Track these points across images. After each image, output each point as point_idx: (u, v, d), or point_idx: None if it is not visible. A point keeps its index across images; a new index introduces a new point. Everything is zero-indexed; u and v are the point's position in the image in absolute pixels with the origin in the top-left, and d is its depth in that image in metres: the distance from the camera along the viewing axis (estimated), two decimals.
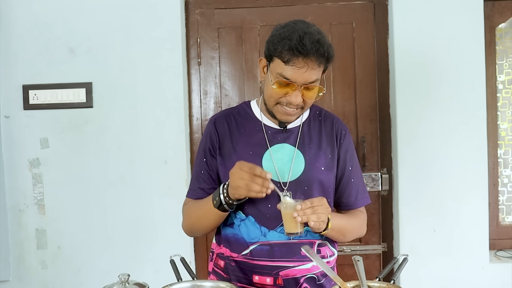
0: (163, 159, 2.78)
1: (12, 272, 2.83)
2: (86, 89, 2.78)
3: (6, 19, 2.79)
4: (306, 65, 1.50)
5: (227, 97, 2.91)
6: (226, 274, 1.69)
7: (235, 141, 1.68)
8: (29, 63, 2.80)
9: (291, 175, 1.64)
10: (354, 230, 1.73)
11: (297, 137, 1.69)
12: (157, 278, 1.56)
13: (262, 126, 1.70)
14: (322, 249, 1.68)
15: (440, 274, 2.75)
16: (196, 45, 2.91)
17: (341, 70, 2.89)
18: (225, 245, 1.71)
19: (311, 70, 1.52)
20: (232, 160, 1.62)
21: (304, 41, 1.48)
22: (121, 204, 2.79)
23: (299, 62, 1.50)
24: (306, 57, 1.49)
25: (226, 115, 1.76)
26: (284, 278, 1.62)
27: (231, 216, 1.68)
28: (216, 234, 1.80)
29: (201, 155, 1.74)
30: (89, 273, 2.79)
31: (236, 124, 1.71)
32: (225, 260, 1.70)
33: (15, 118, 2.81)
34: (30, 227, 2.83)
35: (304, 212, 1.45)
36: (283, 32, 1.53)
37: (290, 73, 1.52)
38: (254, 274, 1.63)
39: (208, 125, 1.76)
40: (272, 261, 1.61)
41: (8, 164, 2.82)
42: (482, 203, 2.74)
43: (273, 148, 1.66)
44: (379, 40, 2.87)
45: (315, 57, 1.50)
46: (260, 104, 1.73)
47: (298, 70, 1.51)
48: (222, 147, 1.69)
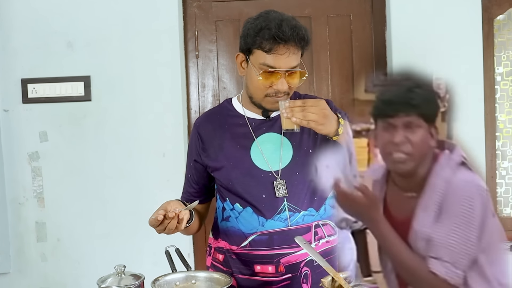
0: (161, 152, 2.79)
1: (13, 264, 2.85)
2: (85, 83, 2.79)
3: (5, 14, 2.80)
4: (288, 51, 1.54)
5: (225, 90, 2.92)
6: (225, 267, 1.70)
7: (221, 139, 1.70)
8: (27, 57, 2.81)
9: (282, 163, 1.65)
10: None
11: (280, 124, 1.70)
12: (156, 270, 1.57)
13: (245, 119, 1.71)
14: (319, 230, 1.69)
15: None
16: (193, 38, 2.91)
17: (339, 62, 2.89)
18: (223, 239, 1.72)
19: (292, 55, 1.55)
20: (220, 158, 1.67)
21: (283, 28, 1.51)
22: (119, 197, 2.81)
23: (280, 49, 1.53)
24: (286, 43, 1.52)
25: (209, 116, 1.80)
26: (285, 265, 1.63)
27: (226, 210, 1.70)
28: (212, 229, 1.82)
29: (188, 160, 1.81)
30: (88, 265, 2.82)
31: (220, 122, 1.73)
32: (224, 253, 1.71)
33: (14, 111, 2.82)
34: (30, 220, 2.85)
35: (291, 109, 1.48)
36: (259, 23, 1.55)
37: (273, 61, 1.54)
38: (256, 264, 1.64)
39: (193, 129, 1.80)
40: (272, 249, 1.62)
41: (8, 157, 2.83)
42: None
43: (259, 139, 1.68)
44: (377, 32, 2.87)
45: (295, 42, 1.53)
46: (242, 98, 1.75)
47: (281, 57, 1.54)
48: (208, 149, 1.71)
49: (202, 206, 1.84)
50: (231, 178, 1.66)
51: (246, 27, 1.60)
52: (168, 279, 1.49)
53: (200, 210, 1.83)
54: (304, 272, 1.66)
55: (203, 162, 1.73)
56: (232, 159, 1.66)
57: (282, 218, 1.62)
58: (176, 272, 1.53)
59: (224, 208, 1.71)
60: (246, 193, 1.64)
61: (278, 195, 1.62)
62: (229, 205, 1.68)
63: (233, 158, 1.66)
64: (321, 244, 1.70)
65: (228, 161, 1.66)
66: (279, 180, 1.62)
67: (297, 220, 1.63)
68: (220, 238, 1.73)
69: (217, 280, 1.49)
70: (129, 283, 1.45)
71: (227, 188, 1.68)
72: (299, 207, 1.64)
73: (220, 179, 1.69)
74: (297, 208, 1.64)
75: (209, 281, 1.51)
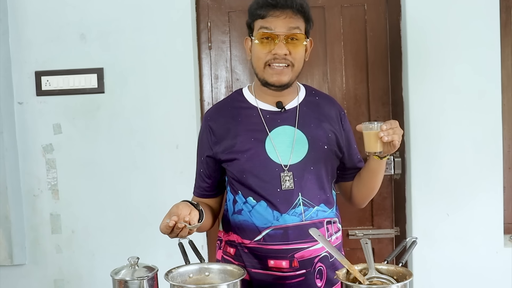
0: (174, 144, 2.79)
1: (28, 256, 2.88)
2: (98, 75, 2.79)
3: (19, 6, 2.80)
4: (284, 14, 1.57)
5: (238, 81, 2.90)
6: (237, 261, 1.69)
7: (235, 131, 1.68)
8: (41, 49, 2.81)
9: (296, 157, 1.64)
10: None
11: (295, 117, 1.68)
12: (170, 262, 1.57)
13: (258, 111, 1.69)
14: (329, 226, 1.68)
15: (453, 258, 2.73)
16: (206, 29, 2.89)
17: (353, 53, 2.86)
18: (235, 232, 1.71)
19: (290, 19, 1.58)
20: (234, 150, 1.66)
21: None
22: (133, 188, 2.81)
23: (276, 11, 1.57)
24: (282, 8, 1.56)
25: (219, 109, 1.78)
26: (299, 260, 1.62)
27: (238, 203, 1.69)
28: (223, 222, 1.81)
29: (200, 154, 1.79)
30: (103, 257, 2.83)
31: (232, 114, 1.72)
32: (236, 247, 1.71)
33: (28, 104, 2.84)
34: (45, 211, 2.86)
35: (388, 132, 1.49)
36: (254, 0, 1.63)
37: (269, 23, 1.58)
38: (269, 258, 1.64)
39: (203, 123, 1.78)
40: (286, 244, 1.62)
41: (22, 150, 2.85)
42: (496, 186, 2.70)
43: (274, 132, 1.66)
44: (391, 22, 2.83)
45: (291, 6, 1.57)
46: (254, 89, 1.73)
47: (277, 19, 1.57)
48: (220, 142, 1.70)
49: (215, 201, 1.84)
50: (244, 171, 1.64)
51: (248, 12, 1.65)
52: (181, 271, 1.49)
53: (213, 205, 1.83)
54: (318, 268, 1.65)
55: (215, 156, 1.71)
56: (247, 151, 1.65)
57: (297, 212, 1.61)
58: (190, 264, 1.53)
59: (236, 201, 1.70)
60: (260, 187, 1.63)
61: (284, 187, 1.61)
62: (242, 198, 1.67)
63: (248, 151, 1.65)
64: (334, 240, 1.70)
65: (242, 154, 1.65)
66: (286, 172, 1.62)
67: (311, 215, 1.63)
68: (232, 231, 1.72)
69: (230, 272, 1.48)
70: (143, 275, 1.44)
71: (240, 181, 1.67)
72: (313, 202, 1.63)
73: (233, 171, 1.68)
74: (311, 203, 1.63)
75: (222, 273, 1.50)
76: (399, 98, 2.81)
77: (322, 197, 1.67)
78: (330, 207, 1.69)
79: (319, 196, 1.66)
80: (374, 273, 1.41)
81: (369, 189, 1.77)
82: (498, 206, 2.71)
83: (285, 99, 1.70)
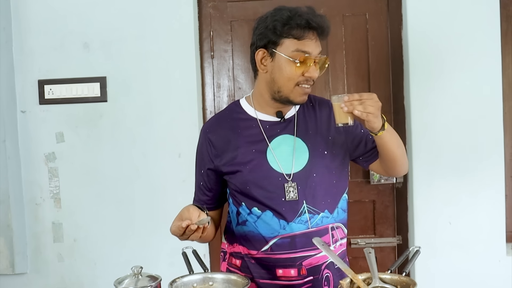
0: (177, 153, 2.79)
1: (30, 264, 2.88)
2: (101, 84, 2.80)
3: (21, 15, 2.82)
4: (315, 37, 1.59)
5: (240, 90, 2.91)
6: (243, 273, 1.68)
7: (235, 143, 1.68)
8: (44, 58, 2.83)
9: (298, 165, 1.64)
10: (402, 146, 1.72)
11: (294, 125, 1.69)
12: (172, 271, 1.57)
13: (258, 122, 1.70)
14: (334, 232, 1.68)
15: (455, 267, 2.73)
16: (209, 38, 2.91)
17: (355, 61, 2.87)
18: (240, 244, 1.71)
19: (318, 42, 1.61)
20: (236, 163, 1.65)
21: (312, 15, 1.57)
22: (135, 197, 2.82)
23: (310, 35, 1.58)
24: (315, 30, 1.58)
25: (218, 120, 1.77)
26: (307, 268, 1.63)
27: (242, 214, 1.69)
28: (226, 234, 1.80)
29: (199, 167, 1.78)
30: (104, 266, 2.83)
31: (231, 126, 1.71)
32: (242, 258, 1.70)
33: (31, 112, 2.85)
34: (47, 220, 2.86)
35: (351, 102, 1.48)
36: (284, 14, 1.58)
37: (307, 47, 1.58)
38: (278, 268, 1.64)
39: (201, 135, 1.77)
40: (294, 252, 1.62)
41: (25, 158, 2.85)
42: (498, 194, 2.70)
43: (274, 141, 1.67)
44: (393, 31, 2.84)
45: (322, 30, 1.60)
46: (253, 100, 1.73)
47: (311, 42, 1.58)
48: (221, 154, 1.69)
49: (215, 213, 1.83)
50: (248, 182, 1.64)
51: (267, 22, 1.60)
52: (185, 280, 1.49)
53: (214, 217, 1.82)
54: (326, 274, 1.65)
55: (216, 168, 1.71)
56: (249, 163, 1.65)
57: (303, 220, 1.61)
58: (194, 274, 1.53)
59: (239, 213, 1.70)
60: (265, 197, 1.63)
61: (288, 198, 1.61)
62: (246, 209, 1.67)
63: (250, 162, 1.65)
64: (338, 247, 1.70)
65: (245, 166, 1.65)
66: (290, 183, 1.62)
67: (316, 222, 1.63)
68: (237, 243, 1.72)
69: (234, 281, 1.48)
70: (146, 284, 1.44)
71: (243, 193, 1.66)
72: (317, 208, 1.63)
73: (236, 183, 1.67)
74: (316, 210, 1.63)
75: (226, 282, 1.50)
76: (401, 106, 2.82)
77: (327, 203, 1.66)
78: (333, 212, 1.69)
79: (323, 202, 1.65)
80: (378, 282, 1.40)
81: (391, 160, 1.68)
82: (501, 215, 2.71)
83: (285, 109, 1.71)
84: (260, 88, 1.68)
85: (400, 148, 1.68)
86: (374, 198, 2.91)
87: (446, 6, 2.67)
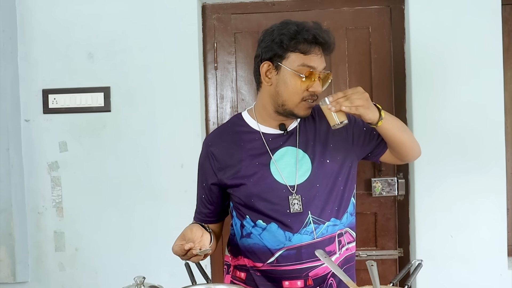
0: (179, 163, 2.80)
1: (31, 273, 2.88)
2: (104, 94, 2.82)
3: (27, 25, 2.84)
4: (320, 52, 1.60)
5: (243, 102, 2.92)
6: (249, 285, 1.68)
7: (238, 156, 1.68)
8: (48, 68, 2.85)
9: (301, 176, 1.65)
10: (408, 130, 1.72)
11: (296, 137, 1.69)
12: (173, 281, 1.58)
13: (261, 135, 1.70)
14: (341, 238, 1.68)
15: (457, 280, 2.72)
16: (212, 50, 2.93)
17: (357, 74, 2.89)
18: (245, 256, 1.71)
19: (323, 57, 1.62)
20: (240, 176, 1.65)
21: (319, 30, 1.58)
22: (138, 207, 2.82)
23: (316, 50, 1.59)
24: (321, 45, 1.59)
25: (220, 134, 1.77)
26: (313, 278, 1.63)
27: (246, 227, 1.69)
28: (230, 246, 1.80)
29: (201, 180, 1.78)
30: (106, 275, 2.82)
31: (234, 139, 1.71)
32: (247, 271, 1.70)
33: (35, 122, 2.86)
34: (49, 229, 2.87)
35: (337, 101, 1.49)
36: (291, 28, 1.59)
37: (313, 62, 1.59)
38: (284, 280, 1.64)
39: (203, 149, 1.77)
40: (300, 263, 1.62)
41: (28, 167, 2.86)
42: (500, 208, 2.71)
43: (277, 153, 1.67)
44: (396, 44, 2.86)
45: (327, 45, 1.61)
46: (256, 113, 1.73)
47: (317, 57, 1.59)
48: (225, 168, 1.69)
49: (217, 226, 1.84)
50: (252, 195, 1.64)
51: (273, 35, 1.61)
52: None
53: (215, 230, 1.81)
54: (330, 282, 1.65)
55: (220, 182, 1.71)
56: (253, 176, 1.65)
57: (308, 231, 1.62)
58: (197, 285, 1.53)
59: (243, 225, 1.70)
60: (270, 209, 1.63)
61: (293, 211, 1.62)
62: (250, 222, 1.67)
63: (254, 175, 1.65)
64: (343, 252, 1.70)
65: (249, 178, 1.65)
66: (294, 195, 1.62)
67: (322, 232, 1.63)
68: (241, 255, 1.72)
69: None
70: None
71: (247, 206, 1.67)
72: (323, 218, 1.63)
73: (240, 196, 1.67)
74: (321, 220, 1.63)
75: None
76: (403, 120, 2.82)
77: (333, 211, 1.66)
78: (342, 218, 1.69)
79: (329, 211, 1.65)
80: None
81: (399, 146, 1.68)
82: (502, 228, 2.71)
83: (287, 121, 1.71)
84: (264, 100, 1.69)
85: (406, 132, 1.70)
86: (375, 211, 2.91)
87: (448, 20, 2.69)
